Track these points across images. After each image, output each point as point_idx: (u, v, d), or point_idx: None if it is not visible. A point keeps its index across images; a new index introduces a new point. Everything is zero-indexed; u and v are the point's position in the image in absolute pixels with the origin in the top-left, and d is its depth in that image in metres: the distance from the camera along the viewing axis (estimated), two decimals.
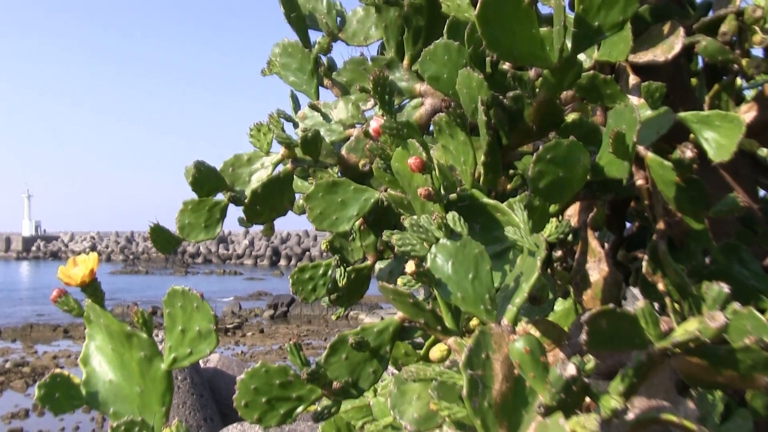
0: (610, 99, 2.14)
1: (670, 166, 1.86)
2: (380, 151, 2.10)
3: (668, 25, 2.18)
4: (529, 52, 1.85)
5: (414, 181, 1.97)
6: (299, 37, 3.11)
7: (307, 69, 3.00)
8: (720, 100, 2.25)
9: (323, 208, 2.51)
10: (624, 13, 1.80)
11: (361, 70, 2.96)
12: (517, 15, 1.80)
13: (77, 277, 1.86)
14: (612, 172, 1.90)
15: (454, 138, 2.12)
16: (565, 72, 1.94)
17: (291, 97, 3.18)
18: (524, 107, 2.14)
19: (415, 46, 2.82)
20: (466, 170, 2.09)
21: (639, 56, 2.19)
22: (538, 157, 1.81)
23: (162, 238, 2.67)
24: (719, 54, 2.10)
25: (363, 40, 3.09)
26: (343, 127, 2.87)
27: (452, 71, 2.26)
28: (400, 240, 1.75)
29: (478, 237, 1.74)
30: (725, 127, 1.87)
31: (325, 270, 2.93)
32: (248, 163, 2.72)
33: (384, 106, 2.13)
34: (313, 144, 2.57)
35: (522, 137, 2.24)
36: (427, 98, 2.72)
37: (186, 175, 2.58)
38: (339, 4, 3.24)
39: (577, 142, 1.82)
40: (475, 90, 2.09)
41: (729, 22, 2.09)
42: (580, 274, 2.39)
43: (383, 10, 2.89)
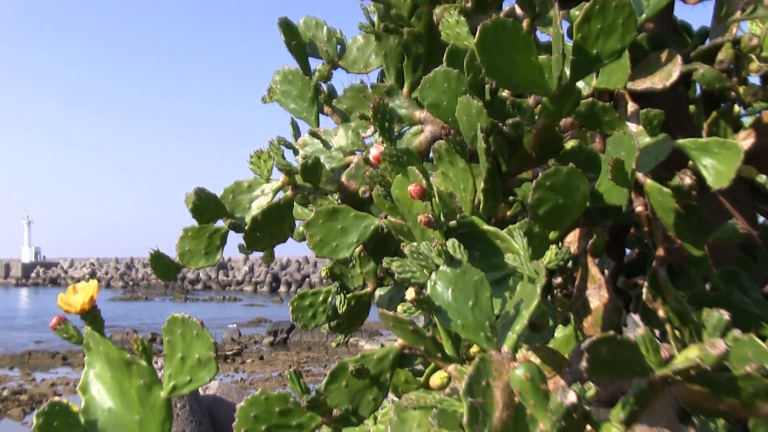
0: (609, 126, 2.15)
1: (669, 192, 1.87)
2: (380, 178, 2.11)
3: (666, 53, 2.20)
4: (528, 80, 1.86)
5: (414, 208, 1.97)
6: (299, 64, 3.13)
7: (308, 96, 3.02)
8: (718, 127, 2.26)
9: (323, 235, 2.51)
10: (622, 41, 1.82)
11: (361, 98, 2.97)
12: (515, 43, 1.81)
13: (77, 305, 1.86)
14: (611, 199, 1.90)
15: (453, 165, 2.12)
16: (563, 99, 1.95)
17: (291, 124, 3.19)
18: (523, 134, 2.15)
19: (414, 73, 2.84)
20: (465, 197, 2.09)
21: (637, 83, 2.20)
22: (537, 184, 1.81)
23: (162, 265, 2.67)
24: (717, 81, 2.12)
25: (363, 68, 3.11)
26: (343, 154, 2.88)
27: (452, 98, 2.28)
28: (400, 267, 1.75)
29: (478, 264, 1.74)
30: (723, 154, 1.87)
31: (325, 297, 2.93)
32: (248, 189, 2.72)
33: (384, 133, 2.14)
34: (313, 171, 2.58)
35: (521, 164, 2.25)
36: (427, 125, 2.73)
37: (186, 202, 2.58)
38: (339, 31, 3.26)
39: (576, 169, 1.83)
40: (475, 117, 2.10)
41: (726, 51, 2.11)
42: (581, 301, 2.38)
43: (383, 38, 2.91)
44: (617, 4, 1.77)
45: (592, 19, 1.79)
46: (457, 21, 2.39)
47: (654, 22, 2.45)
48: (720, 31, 2.23)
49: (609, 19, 1.79)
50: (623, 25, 1.79)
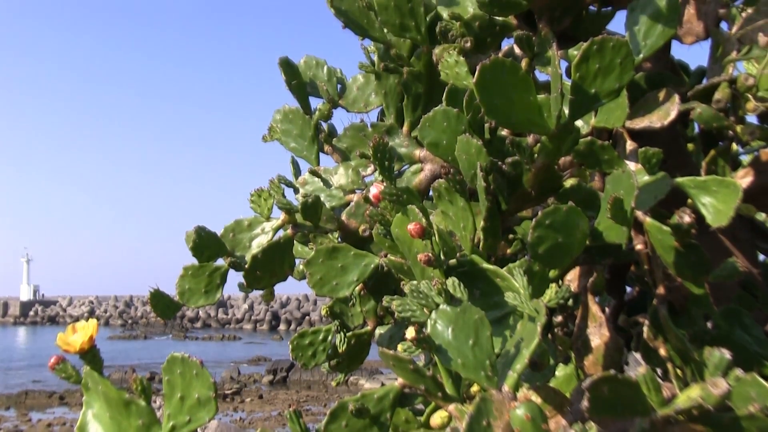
0: (608, 164, 2.16)
1: (668, 231, 1.87)
2: (380, 216, 2.11)
3: (663, 92, 2.22)
4: (527, 119, 1.88)
5: (414, 247, 1.98)
6: (300, 103, 3.16)
7: (308, 135, 3.03)
8: (716, 166, 2.27)
9: (323, 274, 2.51)
10: (620, 80, 1.84)
11: (361, 136, 2.99)
12: (514, 83, 1.83)
13: (76, 344, 1.85)
14: (611, 237, 1.91)
15: (453, 204, 2.13)
16: (562, 138, 1.96)
17: (291, 162, 3.21)
18: (523, 173, 2.16)
19: (414, 112, 2.86)
20: (465, 236, 2.10)
21: (636, 122, 2.22)
22: (537, 222, 1.82)
23: (162, 303, 2.67)
24: (714, 120, 2.13)
25: (363, 107, 3.13)
26: (343, 192, 2.89)
27: (451, 137, 2.29)
28: (400, 306, 1.75)
29: (478, 302, 1.74)
30: (722, 193, 1.88)
31: (325, 335, 2.92)
32: (249, 228, 2.73)
33: (384, 171, 2.15)
34: (313, 209, 2.58)
35: (521, 202, 2.26)
36: (427, 164, 2.74)
37: (187, 240, 2.59)
38: (339, 71, 3.29)
39: (575, 208, 1.84)
40: (474, 156, 2.11)
41: (723, 90, 2.13)
42: (581, 340, 2.37)
43: (383, 78, 2.94)
44: (615, 44, 1.79)
45: (590, 59, 1.81)
46: (457, 61, 2.41)
47: (651, 61, 2.47)
48: (717, 71, 2.25)
49: (607, 58, 1.81)
50: (621, 65, 1.81)
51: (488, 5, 2.40)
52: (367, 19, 2.84)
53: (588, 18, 2.66)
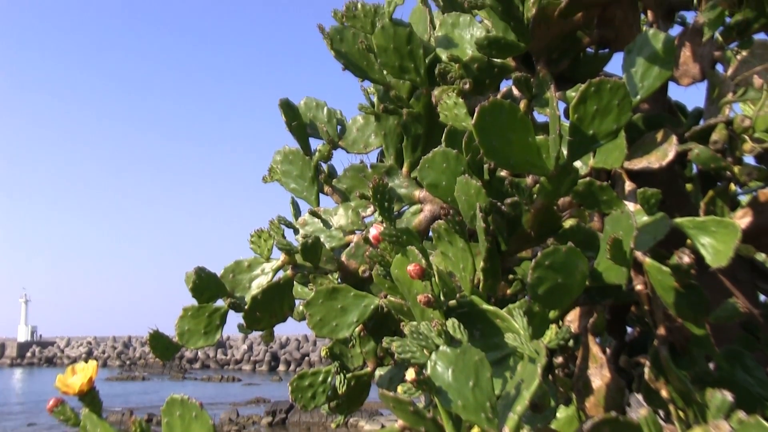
0: (607, 205, 2.17)
1: (668, 271, 1.87)
2: (380, 257, 2.12)
3: (661, 133, 2.23)
4: (526, 161, 1.89)
5: (413, 288, 1.97)
6: (300, 144, 3.18)
7: (308, 176, 3.05)
8: (715, 206, 2.28)
9: (323, 315, 2.50)
10: (618, 121, 1.85)
11: (360, 177, 3.00)
12: (513, 124, 1.84)
13: (75, 386, 1.84)
14: (610, 278, 1.91)
15: (453, 244, 2.13)
16: (561, 179, 1.97)
17: (291, 203, 3.22)
18: (522, 214, 2.17)
19: (414, 153, 2.87)
20: (465, 276, 2.09)
21: (634, 163, 2.23)
22: (536, 263, 1.82)
23: (161, 345, 2.66)
24: (712, 161, 2.14)
25: (363, 148, 3.15)
26: (343, 233, 2.90)
27: (451, 178, 2.30)
28: (400, 347, 1.74)
29: (478, 344, 1.73)
30: (721, 233, 1.89)
31: (325, 377, 2.90)
32: (249, 269, 2.73)
33: (383, 212, 2.15)
34: (313, 250, 2.59)
35: (520, 243, 2.26)
36: (426, 205, 2.75)
37: (186, 281, 2.59)
38: (339, 112, 3.32)
39: (575, 249, 1.84)
40: (474, 197, 2.11)
41: (719, 131, 2.14)
42: (582, 381, 2.36)
43: (382, 119, 2.96)
44: (612, 86, 1.81)
45: (588, 101, 1.82)
46: (456, 102, 2.43)
47: (649, 102, 2.49)
48: (713, 112, 2.27)
49: (605, 100, 1.82)
50: (619, 106, 1.83)
51: (487, 47, 2.43)
52: (366, 61, 2.87)
53: (585, 60, 2.69)
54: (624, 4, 2.52)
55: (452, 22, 2.74)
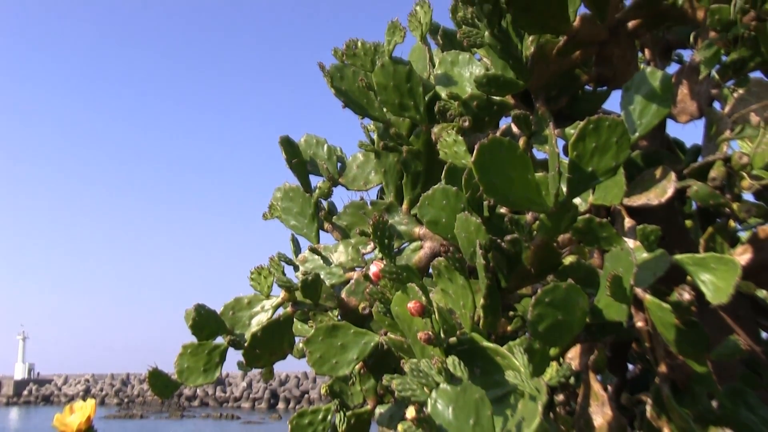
0: (607, 242, 2.17)
1: (668, 308, 1.87)
2: (380, 294, 2.11)
3: (660, 170, 2.24)
4: (526, 197, 1.89)
5: (414, 325, 1.97)
6: (300, 181, 3.19)
7: (308, 213, 3.06)
8: (715, 243, 2.28)
9: (323, 352, 2.50)
10: (616, 158, 1.86)
11: (360, 214, 3.01)
12: (512, 161, 1.85)
13: (74, 426, 1.83)
14: (611, 315, 1.90)
15: (453, 282, 2.13)
16: (561, 216, 1.97)
17: (291, 240, 3.22)
18: (522, 250, 2.17)
19: (413, 190, 2.88)
20: (465, 314, 2.09)
21: (633, 200, 2.24)
22: (536, 300, 1.82)
23: (160, 382, 2.64)
24: (710, 198, 2.15)
25: (363, 185, 3.16)
26: (343, 270, 2.90)
27: (450, 215, 2.30)
28: (400, 384, 1.73)
29: (479, 381, 1.73)
30: (721, 270, 1.89)
31: (325, 415, 2.88)
32: (248, 306, 2.73)
33: (383, 249, 2.16)
34: (313, 287, 2.59)
35: (520, 280, 2.26)
36: (426, 241, 2.76)
37: (186, 319, 2.58)
38: (339, 149, 3.34)
39: (575, 285, 1.84)
40: (473, 234, 2.12)
41: (718, 168, 2.15)
42: (584, 419, 2.34)
43: (382, 156, 2.97)
44: (610, 123, 1.82)
45: (586, 138, 1.83)
46: (455, 140, 2.45)
47: (647, 139, 2.51)
48: (711, 149, 2.28)
49: (603, 137, 1.83)
50: (617, 143, 1.84)
51: (486, 85, 2.45)
52: (366, 98, 2.89)
53: (584, 97, 2.71)
54: (622, 43, 2.54)
55: (451, 60, 2.77)
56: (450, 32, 3.23)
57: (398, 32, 2.82)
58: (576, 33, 2.45)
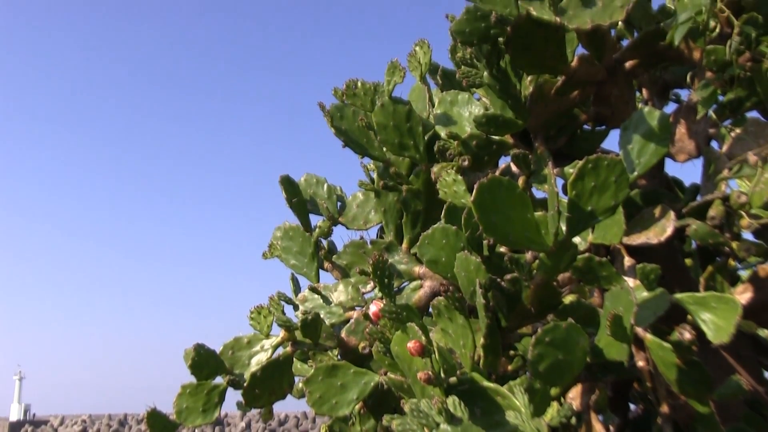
0: (607, 281, 2.17)
1: (669, 347, 1.86)
2: (380, 334, 2.11)
3: (659, 209, 2.25)
4: (525, 237, 1.89)
5: (414, 365, 1.96)
6: (300, 220, 3.19)
7: (308, 252, 3.06)
8: (715, 281, 2.28)
9: (323, 392, 2.48)
10: (615, 197, 1.86)
11: (360, 253, 3.01)
12: (511, 200, 1.86)
13: None
14: (612, 354, 1.89)
15: (453, 321, 2.12)
16: (560, 255, 1.97)
17: (291, 279, 3.22)
18: (522, 289, 2.17)
19: (413, 229, 2.88)
20: (465, 353, 2.08)
21: (633, 238, 2.24)
22: (537, 339, 1.81)
23: (159, 423, 2.62)
24: (710, 237, 2.15)
25: (363, 224, 3.17)
26: (343, 309, 2.89)
27: (450, 255, 2.30)
28: (400, 425, 1.72)
29: (479, 421, 1.72)
30: (722, 309, 1.88)
31: None
32: (248, 345, 2.71)
33: (383, 289, 2.15)
34: (313, 327, 2.58)
35: (521, 319, 2.25)
36: (426, 281, 2.75)
37: (185, 358, 2.57)
38: (339, 188, 3.35)
39: (575, 325, 1.83)
40: (473, 273, 2.12)
41: (716, 207, 2.16)
42: None
43: (382, 195, 2.98)
44: (609, 163, 1.83)
45: (585, 177, 1.84)
46: (455, 179, 2.46)
47: (646, 178, 2.52)
48: (710, 188, 2.29)
49: (602, 176, 1.84)
50: (616, 183, 1.84)
51: (485, 124, 2.47)
52: (366, 138, 2.91)
53: (583, 136, 2.73)
54: (619, 82, 2.57)
55: (451, 99, 2.79)
56: (449, 72, 3.26)
57: (398, 72, 2.85)
58: (574, 73, 2.47)
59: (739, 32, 2.13)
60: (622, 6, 2.20)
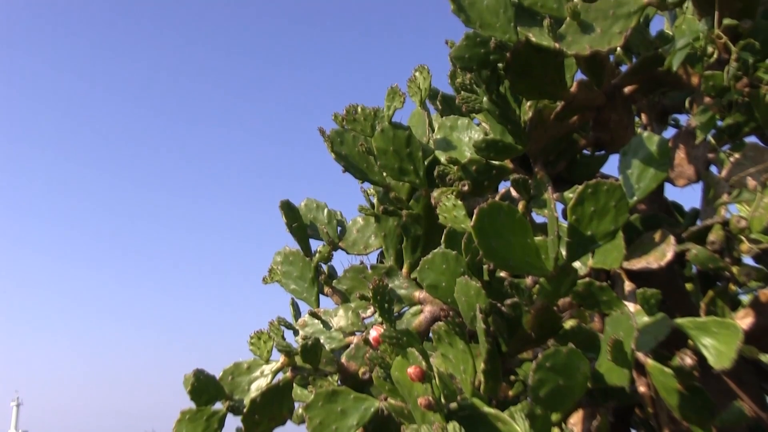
0: (607, 306, 2.16)
1: (671, 373, 1.85)
2: (380, 359, 2.10)
3: (659, 233, 2.25)
4: (525, 261, 1.89)
5: (414, 390, 1.95)
6: (300, 245, 3.19)
7: (308, 277, 3.05)
8: (716, 306, 2.27)
9: (323, 418, 2.46)
10: (615, 222, 1.87)
11: (360, 278, 3.01)
12: (511, 225, 1.86)
13: None
14: (612, 380, 1.89)
15: (453, 346, 2.12)
16: (561, 280, 1.97)
17: (291, 304, 3.22)
18: (522, 314, 2.16)
19: (413, 254, 2.88)
20: (466, 378, 2.07)
21: (633, 263, 2.24)
22: (537, 365, 1.81)
23: None
24: (710, 262, 2.15)
25: (363, 249, 3.17)
26: (343, 334, 2.88)
27: (450, 279, 2.30)
28: None
29: None
30: (723, 334, 1.88)
31: None
32: (248, 371, 2.70)
33: (383, 314, 2.15)
34: (313, 352, 2.57)
35: (521, 344, 2.25)
36: (426, 305, 2.75)
37: (185, 384, 2.56)
38: (339, 213, 3.35)
39: (576, 350, 1.83)
40: (473, 298, 2.11)
41: (716, 232, 2.16)
42: None
43: (382, 220, 2.98)
44: (609, 188, 1.83)
45: (585, 202, 1.85)
46: (455, 204, 2.46)
47: (646, 203, 2.52)
48: (709, 213, 2.29)
49: (601, 201, 1.85)
50: (615, 207, 1.85)
51: (485, 150, 2.47)
52: (366, 163, 2.91)
53: (582, 161, 2.74)
54: (618, 107, 2.58)
55: (450, 124, 2.80)
56: (449, 97, 3.27)
57: (398, 97, 2.86)
58: (573, 98, 2.48)
59: (737, 58, 2.14)
60: (621, 32, 2.22)
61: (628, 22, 2.22)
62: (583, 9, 2.27)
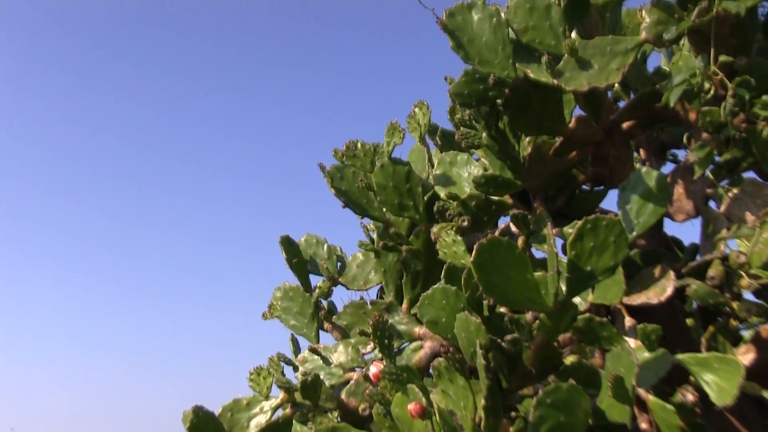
0: (607, 341, 2.16)
1: (672, 409, 1.84)
2: (380, 396, 2.09)
3: (659, 269, 2.25)
4: (525, 297, 1.89)
5: (414, 427, 1.94)
6: (300, 281, 3.19)
7: (308, 313, 3.05)
8: (716, 342, 2.27)
9: None
10: (615, 258, 1.87)
11: (360, 314, 3.00)
12: (511, 261, 1.86)
13: None
14: (614, 416, 1.88)
15: (453, 382, 2.11)
16: (561, 315, 1.97)
17: (291, 340, 3.21)
18: (522, 350, 2.15)
19: (413, 289, 2.88)
20: (466, 415, 2.06)
21: (633, 298, 2.23)
22: (538, 401, 1.79)
23: None
24: (710, 297, 2.15)
25: (362, 284, 3.17)
26: (342, 370, 2.87)
27: (450, 315, 2.30)
28: None
29: None
30: (724, 370, 1.87)
31: None
32: (247, 407, 2.69)
33: (383, 350, 2.14)
34: (312, 388, 2.56)
35: (522, 380, 2.23)
36: (426, 341, 2.74)
37: (184, 421, 2.54)
38: (339, 249, 3.36)
39: (576, 386, 1.82)
40: (473, 334, 2.11)
41: (716, 267, 2.16)
42: None
43: (382, 255, 2.99)
44: (608, 223, 1.84)
45: (584, 237, 1.85)
46: (454, 240, 2.46)
47: (645, 238, 2.52)
48: (709, 248, 2.29)
49: (601, 237, 1.85)
50: (615, 243, 1.85)
51: (484, 185, 2.48)
52: (366, 198, 2.92)
53: (581, 196, 2.74)
54: (617, 143, 2.59)
55: (450, 160, 2.82)
56: (448, 133, 3.29)
57: (397, 133, 2.88)
58: (572, 134, 2.50)
59: (733, 94, 2.16)
60: (618, 68, 2.24)
61: (626, 58, 2.24)
62: (581, 46, 2.29)
